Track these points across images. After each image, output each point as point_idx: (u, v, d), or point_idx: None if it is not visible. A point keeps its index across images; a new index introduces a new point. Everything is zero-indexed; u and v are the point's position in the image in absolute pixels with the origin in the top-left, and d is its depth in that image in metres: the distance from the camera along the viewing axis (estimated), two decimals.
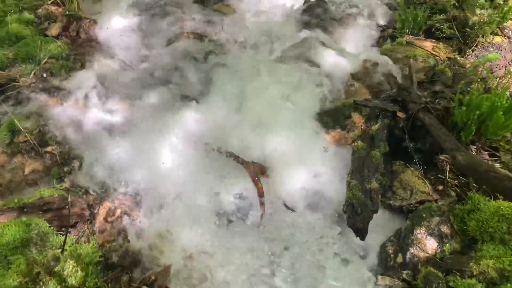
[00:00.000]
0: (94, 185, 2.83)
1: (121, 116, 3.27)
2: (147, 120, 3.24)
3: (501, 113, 2.62)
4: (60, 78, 3.48)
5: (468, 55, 3.65)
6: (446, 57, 3.63)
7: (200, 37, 4.08)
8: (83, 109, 3.28)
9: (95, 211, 2.65)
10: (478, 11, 3.61)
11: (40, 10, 4.06)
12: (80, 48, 3.86)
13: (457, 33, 3.84)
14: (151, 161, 3.00)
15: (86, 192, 2.78)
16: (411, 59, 3.36)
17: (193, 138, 3.15)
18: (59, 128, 3.10)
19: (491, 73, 3.34)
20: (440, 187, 2.73)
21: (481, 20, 3.58)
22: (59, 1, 4.10)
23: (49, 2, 4.15)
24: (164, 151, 3.05)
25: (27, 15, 3.95)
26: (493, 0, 3.83)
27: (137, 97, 3.42)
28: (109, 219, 2.66)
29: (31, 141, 2.96)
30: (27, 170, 2.87)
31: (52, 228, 2.41)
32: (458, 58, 3.62)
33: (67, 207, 2.43)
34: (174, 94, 3.50)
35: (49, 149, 2.98)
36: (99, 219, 2.62)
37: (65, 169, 2.88)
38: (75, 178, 2.83)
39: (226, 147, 3.07)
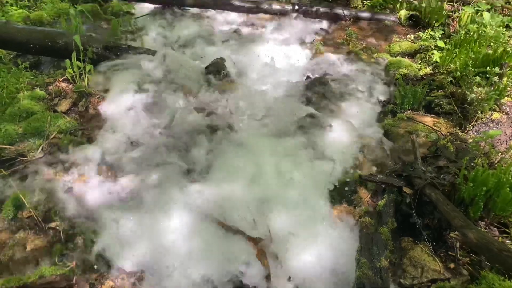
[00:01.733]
0: (97, 262, 2.77)
1: (126, 191, 3.27)
2: (153, 195, 3.23)
3: (508, 189, 2.62)
4: (67, 153, 3.52)
5: (469, 130, 3.73)
6: (448, 132, 3.70)
7: (205, 112, 4.18)
8: (89, 184, 3.29)
9: None
10: (475, 88, 3.74)
11: (51, 87, 4.20)
12: (88, 123, 3.95)
13: (456, 108, 3.95)
14: (156, 236, 2.96)
15: (89, 270, 2.71)
16: (414, 135, 3.42)
17: (198, 212, 3.12)
18: (64, 203, 3.10)
19: (493, 148, 3.39)
20: (452, 265, 2.66)
21: (479, 97, 3.70)
22: (69, 78, 4.25)
23: (60, 80, 4.30)
24: (168, 226, 3.01)
25: (38, 91, 4.08)
26: (489, 78, 3.99)
27: (143, 171, 3.43)
28: None
29: (35, 216, 2.94)
30: (29, 247, 2.82)
31: None
32: (459, 133, 3.69)
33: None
34: (179, 169, 3.52)
35: (53, 225, 2.95)
36: None
37: (68, 245, 2.82)
38: (78, 255, 2.77)
39: (231, 223, 3.04)
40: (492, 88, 3.91)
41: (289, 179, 3.35)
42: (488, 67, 4.25)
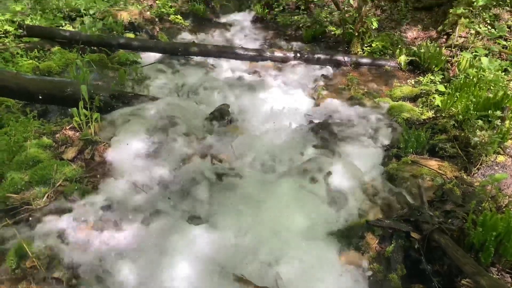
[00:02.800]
0: None
1: (131, 239, 3.23)
2: (157, 243, 3.19)
3: None
4: (72, 200, 3.52)
5: (474, 174, 3.72)
6: (453, 175, 3.69)
7: (210, 158, 4.21)
8: (93, 232, 3.26)
9: None
10: (478, 132, 3.77)
11: (58, 135, 4.26)
12: (94, 170, 3.96)
13: (460, 152, 3.96)
14: (159, 286, 2.90)
15: None
16: (419, 179, 3.41)
17: (202, 260, 3.07)
18: (68, 252, 3.05)
19: (500, 191, 3.37)
20: None
21: (482, 140, 3.72)
22: (76, 126, 4.31)
23: (67, 128, 4.37)
24: (173, 275, 2.95)
25: (45, 140, 4.13)
26: (491, 121, 4.02)
27: (147, 219, 3.41)
28: None
29: (38, 266, 2.90)
30: None
31: None
32: (465, 177, 3.68)
33: None
34: (184, 215, 3.50)
35: (56, 274, 2.89)
36: None
37: None
38: None
39: (236, 271, 2.98)
40: (495, 131, 3.93)
41: (295, 225, 3.32)
42: (489, 111, 4.30)
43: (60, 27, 7.70)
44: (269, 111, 5.63)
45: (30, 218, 3.32)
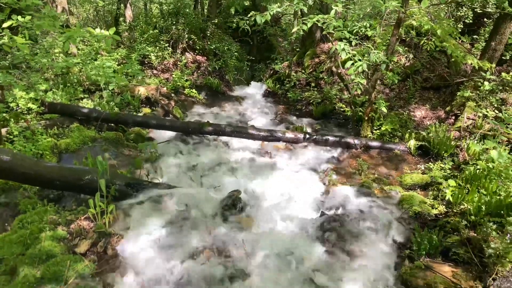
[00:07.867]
0: None
1: None
2: None
3: None
4: None
5: (490, 286, 3.66)
6: (468, 285, 3.64)
7: (220, 255, 4.20)
8: None
9: None
10: (492, 244, 3.75)
11: (73, 226, 4.30)
12: (106, 265, 3.96)
13: (474, 258, 3.92)
14: None
15: None
16: None
17: None
18: None
19: None
20: None
21: (497, 252, 3.69)
22: (91, 217, 4.37)
23: (82, 218, 4.42)
24: None
25: (60, 231, 4.17)
26: (505, 227, 4.01)
27: None
28: None
29: None
30: None
31: None
32: None
33: None
34: None
35: None
36: None
37: None
38: None
39: None
40: (509, 237, 3.91)
41: None
42: (501, 211, 4.30)
43: (80, 101, 7.99)
44: (280, 197, 5.68)
45: None
